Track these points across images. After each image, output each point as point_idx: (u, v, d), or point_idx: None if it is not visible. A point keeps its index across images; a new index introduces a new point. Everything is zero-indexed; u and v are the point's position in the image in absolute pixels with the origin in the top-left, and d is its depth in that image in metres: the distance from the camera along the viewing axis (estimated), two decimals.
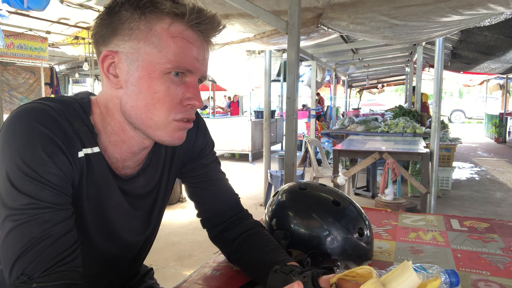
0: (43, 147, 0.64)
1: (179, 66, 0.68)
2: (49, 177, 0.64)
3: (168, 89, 0.69)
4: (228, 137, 8.01)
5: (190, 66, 0.69)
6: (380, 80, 14.75)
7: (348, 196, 1.02)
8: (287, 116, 2.56)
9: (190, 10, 0.67)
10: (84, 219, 0.74)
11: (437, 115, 3.66)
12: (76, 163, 0.69)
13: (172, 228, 3.86)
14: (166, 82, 0.68)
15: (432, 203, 3.65)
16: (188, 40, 0.68)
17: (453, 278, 0.73)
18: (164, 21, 0.67)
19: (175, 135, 0.73)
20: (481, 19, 3.29)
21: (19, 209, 0.62)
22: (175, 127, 0.72)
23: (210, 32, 0.71)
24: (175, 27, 0.68)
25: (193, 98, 0.71)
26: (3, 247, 0.62)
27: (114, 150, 0.76)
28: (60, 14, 5.05)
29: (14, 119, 0.65)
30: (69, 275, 0.63)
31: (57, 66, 10.15)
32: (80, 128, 0.70)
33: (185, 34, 0.68)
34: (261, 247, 0.86)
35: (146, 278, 1.07)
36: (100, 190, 0.75)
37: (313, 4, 3.00)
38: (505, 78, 11.91)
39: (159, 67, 0.68)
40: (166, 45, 0.67)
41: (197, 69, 0.71)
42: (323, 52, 6.75)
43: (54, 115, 0.67)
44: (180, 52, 0.68)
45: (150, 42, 0.67)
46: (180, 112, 0.71)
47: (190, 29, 0.69)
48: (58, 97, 0.73)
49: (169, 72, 0.68)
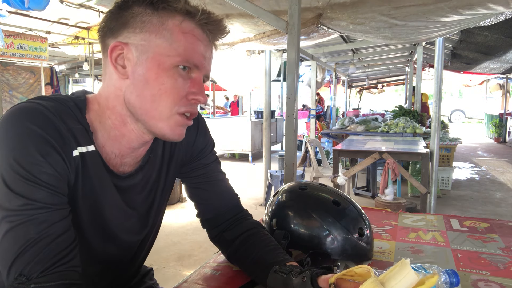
0: (37, 147, 0.63)
1: (188, 60, 0.71)
2: (43, 177, 0.64)
3: (176, 82, 0.71)
4: (228, 137, 8.01)
5: (197, 61, 0.72)
6: (380, 80, 14.75)
7: (348, 196, 1.02)
8: (287, 116, 2.56)
9: (201, 10, 0.71)
10: (80, 218, 0.74)
11: (437, 115, 3.66)
12: (71, 162, 0.69)
13: (172, 228, 3.86)
14: (174, 74, 0.70)
15: (432, 203, 3.65)
16: (198, 38, 0.72)
17: (453, 278, 0.73)
18: (176, 18, 0.70)
19: (176, 130, 0.74)
20: (481, 19, 3.29)
21: (15, 210, 0.61)
22: (177, 121, 0.73)
23: (217, 34, 0.75)
24: (186, 24, 0.71)
25: (198, 93, 0.73)
26: (0, 249, 0.62)
27: (113, 145, 0.76)
28: (60, 14, 5.04)
29: (7, 119, 0.65)
30: (68, 275, 0.63)
31: (57, 66, 10.15)
32: (74, 127, 0.70)
33: (195, 32, 0.72)
34: (260, 247, 0.86)
35: (146, 279, 1.07)
36: (96, 189, 0.74)
37: (313, 4, 3.00)
38: (505, 78, 11.91)
39: (168, 59, 0.70)
40: (177, 40, 0.70)
41: (203, 66, 0.74)
42: (323, 52, 6.75)
43: (47, 114, 0.66)
44: (190, 47, 0.71)
45: (162, 36, 0.70)
46: (184, 105, 0.73)
47: (200, 28, 0.72)
48: (52, 96, 0.73)
49: (178, 65, 0.70)
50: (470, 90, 17.55)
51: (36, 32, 6.11)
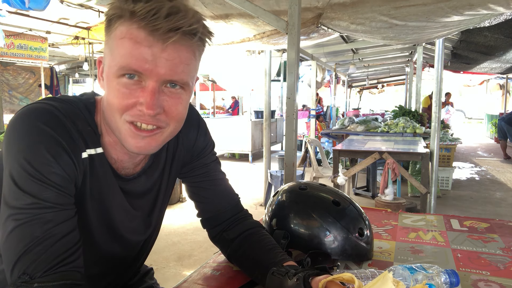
0: (47, 148, 0.64)
1: (124, 67, 0.64)
2: (52, 178, 0.64)
3: (118, 92, 0.66)
4: (228, 137, 8.00)
5: (136, 67, 0.64)
6: (380, 80, 14.75)
7: (348, 196, 1.02)
8: (287, 116, 2.56)
9: (139, 8, 0.62)
10: (87, 219, 0.75)
11: (437, 115, 3.66)
12: (80, 164, 0.70)
13: (172, 228, 3.86)
14: (118, 85, 0.66)
15: (432, 203, 3.65)
16: (136, 40, 0.63)
17: (453, 278, 0.73)
18: (117, 23, 0.65)
19: (131, 142, 0.69)
20: (481, 20, 3.29)
21: (22, 209, 0.62)
22: (128, 132, 0.68)
23: (169, 27, 0.62)
24: (122, 28, 0.64)
25: (143, 103, 0.65)
26: (5, 246, 0.62)
27: (111, 150, 0.77)
28: (60, 14, 5.04)
29: (19, 119, 0.66)
30: (71, 275, 0.63)
31: (57, 66, 10.15)
32: (84, 129, 0.71)
33: (132, 34, 0.63)
34: (259, 247, 0.86)
35: (146, 278, 1.08)
36: (103, 190, 0.75)
37: (313, 4, 3.00)
38: (505, 78, 11.91)
39: (112, 70, 0.66)
40: (115, 47, 0.65)
41: (149, 71, 0.64)
42: (323, 52, 6.75)
43: (59, 115, 0.67)
44: (126, 53, 0.64)
45: (108, 46, 0.68)
46: (130, 115, 0.67)
47: (138, 29, 0.63)
48: (63, 97, 0.73)
49: (121, 75, 0.65)
50: (470, 90, 17.54)
51: (36, 32, 6.12)
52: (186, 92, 0.70)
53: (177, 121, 0.71)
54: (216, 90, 12.00)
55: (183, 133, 0.87)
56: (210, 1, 2.94)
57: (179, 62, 0.66)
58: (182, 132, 0.84)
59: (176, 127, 0.72)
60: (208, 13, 3.22)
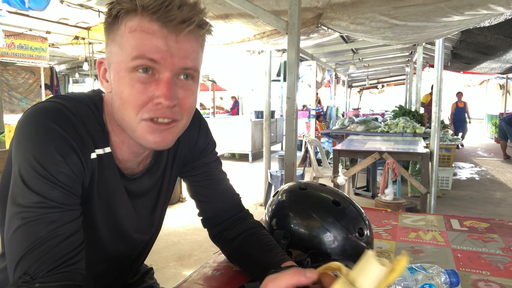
0: (56, 147, 0.64)
1: (138, 56, 0.64)
2: (61, 177, 0.64)
3: (133, 88, 0.65)
4: (228, 137, 8.01)
5: (153, 55, 0.64)
6: (380, 80, 14.75)
7: (348, 196, 1.02)
8: (287, 116, 2.56)
9: (150, 1, 0.63)
10: (94, 218, 0.75)
11: (437, 115, 3.66)
12: (88, 164, 0.70)
13: (172, 228, 3.86)
14: (131, 80, 0.65)
15: (432, 203, 3.65)
16: (148, 32, 0.64)
17: (453, 278, 0.73)
18: (125, 19, 0.65)
19: (149, 138, 0.68)
20: (481, 20, 3.29)
21: (28, 207, 0.62)
22: (146, 128, 0.68)
23: (179, 18, 0.64)
24: (132, 21, 0.65)
25: (160, 95, 0.65)
26: (10, 244, 0.62)
27: (117, 150, 0.77)
28: (60, 14, 5.04)
29: (29, 117, 0.66)
30: (72, 276, 0.63)
31: (57, 66, 10.15)
32: (93, 128, 0.71)
33: (143, 26, 0.64)
34: (259, 247, 0.86)
35: (146, 278, 1.08)
36: (110, 190, 0.76)
37: (313, 4, 3.00)
38: (505, 78, 11.91)
39: (123, 65, 0.66)
40: (126, 41, 0.65)
41: (164, 59, 0.64)
42: (323, 52, 6.75)
43: (69, 115, 0.67)
44: (139, 43, 0.64)
45: (116, 42, 0.67)
46: (147, 111, 0.66)
47: (150, 22, 0.64)
48: (72, 94, 0.73)
49: (135, 68, 0.65)
50: (470, 90, 17.55)
51: (36, 32, 6.12)
52: (195, 84, 0.72)
53: (189, 113, 0.72)
54: (216, 90, 12.00)
55: (185, 132, 0.87)
56: (210, 1, 2.94)
57: (192, 51, 0.68)
58: (184, 132, 0.84)
59: (187, 120, 0.73)
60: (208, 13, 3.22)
